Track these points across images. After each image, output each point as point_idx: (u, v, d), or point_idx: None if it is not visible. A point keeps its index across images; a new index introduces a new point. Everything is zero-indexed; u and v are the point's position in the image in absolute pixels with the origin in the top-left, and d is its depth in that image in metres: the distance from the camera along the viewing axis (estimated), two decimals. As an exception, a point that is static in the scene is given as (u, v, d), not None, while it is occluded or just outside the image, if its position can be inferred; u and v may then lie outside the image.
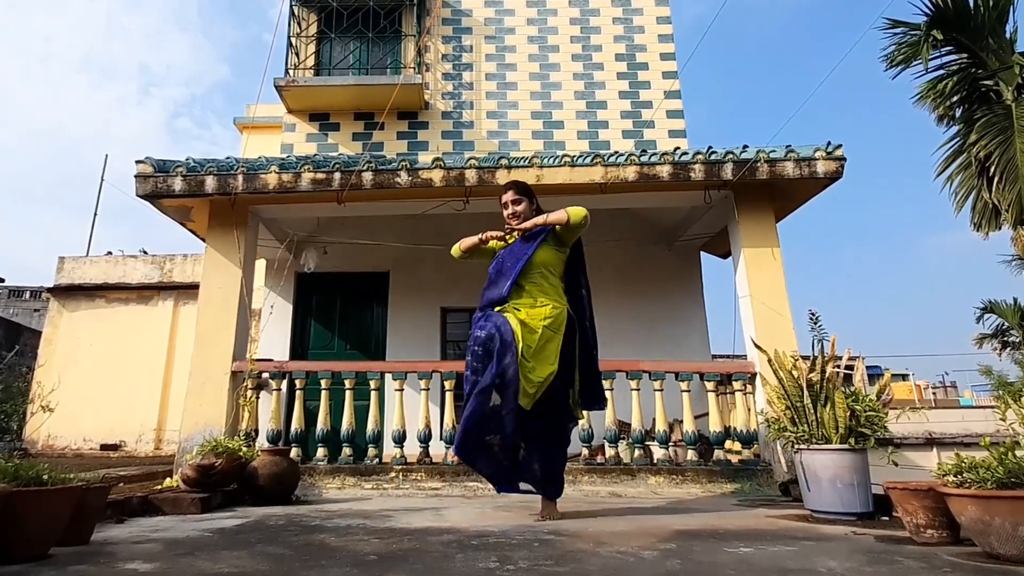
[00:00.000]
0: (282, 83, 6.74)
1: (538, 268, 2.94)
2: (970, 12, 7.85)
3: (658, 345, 6.06)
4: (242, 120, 10.20)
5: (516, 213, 3.05)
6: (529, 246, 2.96)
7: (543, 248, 2.96)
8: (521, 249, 2.98)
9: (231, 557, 2.05)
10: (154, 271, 9.20)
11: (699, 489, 4.14)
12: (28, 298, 22.05)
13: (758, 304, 4.57)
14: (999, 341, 12.66)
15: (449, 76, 7.37)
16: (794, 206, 5.07)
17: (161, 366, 8.67)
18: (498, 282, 2.98)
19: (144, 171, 4.73)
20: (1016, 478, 1.90)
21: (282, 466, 3.74)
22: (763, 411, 3.81)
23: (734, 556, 2.05)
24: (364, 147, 6.90)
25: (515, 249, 3.01)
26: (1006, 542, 1.87)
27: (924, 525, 2.28)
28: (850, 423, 3.11)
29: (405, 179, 4.70)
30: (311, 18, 7.51)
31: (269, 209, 5.22)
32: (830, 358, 3.36)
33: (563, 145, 6.93)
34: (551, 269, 2.97)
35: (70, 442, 8.37)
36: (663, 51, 7.41)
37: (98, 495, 2.44)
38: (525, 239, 2.99)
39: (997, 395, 8.34)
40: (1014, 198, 7.15)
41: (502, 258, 3.05)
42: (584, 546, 2.21)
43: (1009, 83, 7.76)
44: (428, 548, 2.18)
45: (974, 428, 6.85)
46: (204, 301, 4.84)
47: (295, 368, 4.80)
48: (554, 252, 2.98)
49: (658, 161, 4.67)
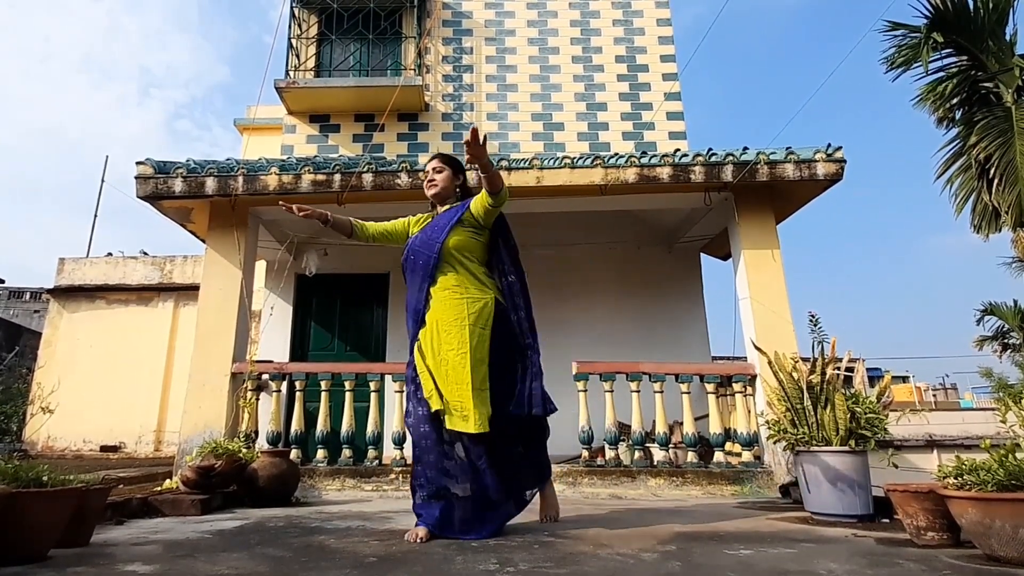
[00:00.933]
0: (282, 84, 6.75)
1: (454, 255, 2.58)
2: (970, 14, 7.86)
3: (658, 347, 6.06)
4: (242, 121, 10.22)
5: (433, 181, 2.72)
6: (440, 232, 2.59)
7: (456, 231, 2.58)
8: (431, 235, 2.62)
9: (231, 559, 2.05)
10: (154, 272, 9.20)
11: (699, 491, 4.14)
12: (28, 299, 22.05)
13: (758, 306, 4.57)
14: (999, 343, 12.67)
15: (449, 78, 7.38)
16: (794, 208, 5.08)
17: (161, 367, 8.67)
18: (412, 283, 2.66)
19: (144, 172, 4.73)
20: (1017, 480, 1.90)
21: (282, 468, 3.73)
22: (763, 413, 3.81)
23: (734, 558, 2.05)
24: (364, 149, 6.90)
25: (425, 235, 2.65)
26: (1007, 544, 1.86)
27: (925, 527, 2.28)
28: (850, 425, 3.11)
29: (405, 180, 4.70)
30: (311, 20, 7.52)
31: (269, 211, 5.23)
32: (830, 360, 3.36)
33: (563, 147, 6.94)
34: (470, 255, 2.61)
35: (70, 443, 8.36)
36: (663, 53, 7.42)
37: (98, 496, 2.44)
38: (435, 225, 2.64)
39: (997, 397, 8.35)
40: (1014, 200, 7.16)
41: (410, 250, 2.68)
42: (584, 548, 2.21)
43: (1009, 85, 7.77)
44: (428, 550, 2.17)
45: (974, 430, 6.84)
46: (204, 302, 4.85)
47: (295, 369, 4.80)
48: (469, 236, 2.61)
49: (658, 163, 4.68)
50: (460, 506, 2.40)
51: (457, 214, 2.62)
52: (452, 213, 2.65)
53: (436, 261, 2.56)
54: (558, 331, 6.40)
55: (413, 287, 2.66)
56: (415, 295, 2.63)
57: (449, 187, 2.73)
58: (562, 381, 4.79)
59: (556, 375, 5.03)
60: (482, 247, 2.66)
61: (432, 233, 2.62)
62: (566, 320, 6.48)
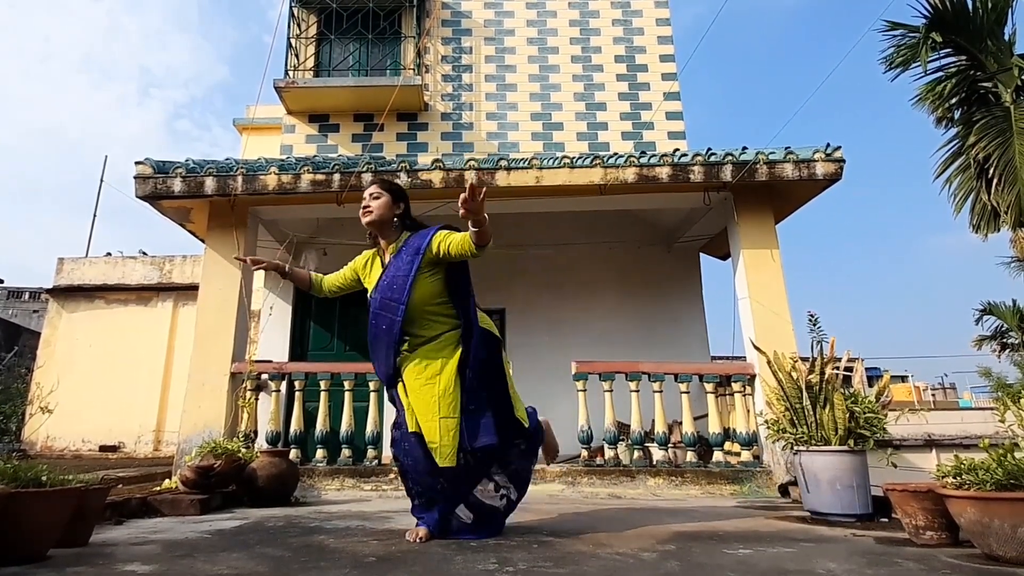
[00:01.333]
0: (282, 84, 6.75)
1: (419, 310, 2.37)
2: (969, 14, 7.87)
3: (657, 346, 6.06)
4: (242, 121, 10.21)
5: (368, 207, 2.46)
6: (400, 291, 2.33)
7: (419, 283, 2.34)
8: (390, 295, 2.37)
9: (230, 559, 2.05)
10: (153, 272, 9.19)
11: (698, 491, 4.14)
12: (27, 299, 22.03)
13: (757, 305, 4.57)
14: (998, 343, 12.67)
15: (449, 78, 7.38)
16: (793, 207, 5.08)
17: (160, 367, 8.66)
18: (376, 352, 2.44)
19: (143, 172, 4.73)
20: (1015, 480, 1.90)
21: (281, 467, 3.73)
22: (762, 412, 3.81)
23: (733, 558, 2.05)
24: (364, 148, 6.90)
25: (383, 296, 2.40)
26: (1005, 543, 1.87)
27: (923, 527, 2.28)
28: (849, 425, 3.11)
29: (405, 180, 4.70)
30: (311, 19, 7.52)
31: (269, 210, 5.23)
32: (829, 359, 3.37)
33: (562, 146, 6.94)
34: (432, 300, 2.39)
35: (69, 443, 8.35)
36: (663, 53, 7.42)
37: (97, 496, 2.44)
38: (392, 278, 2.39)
39: (996, 397, 8.35)
40: (1013, 200, 7.16)
41: (373, 315, 2.43)
42: (583, 547, 2.21)
43: (1008, 85, 7.78)
44: (427, 550, 2.17)
45: (973, 430, 6.85)
46: (203, 302, 4.84)
47: (294, 369, 4.79)
48: (430, 281, 2.37)
49: (657, 162, 4.68)
50: (455, 516, 2.43)
51: (415, 262, 2.35)
52: (408, 261, 2.37)
53: (401, 324, 2.35)
54: (557, 331, 6.41)
55: (379, 354, 2.44)
56: (383, 364, 2.43)
57: (387, 214, 2.46)
58: (561, 380, 4.81)
59: (556, 374, 5.07)
60: (442, 283, 2.41)
61: (391, 293, 2.37)
62: (565, 320, 6.49)
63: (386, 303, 2.39)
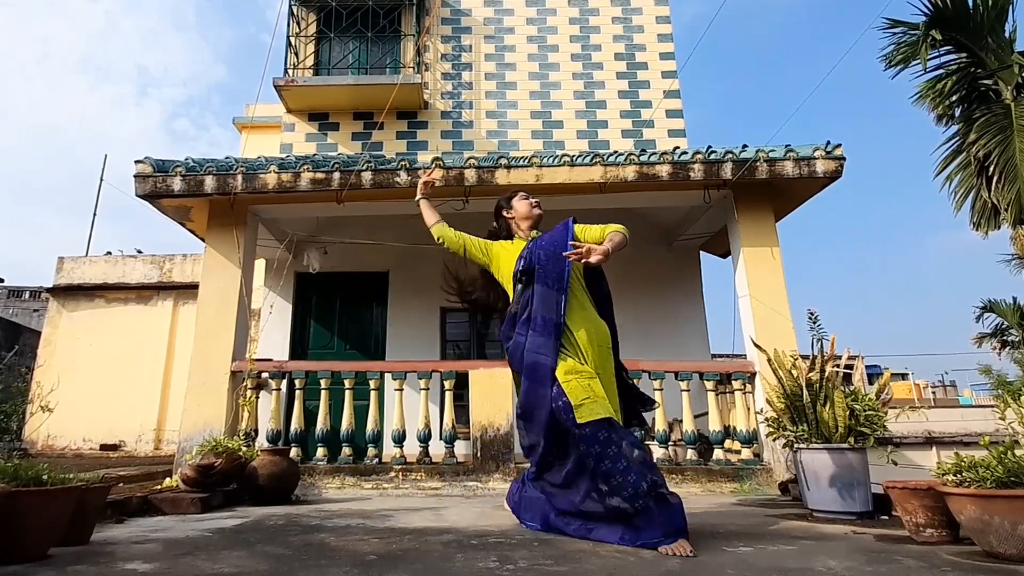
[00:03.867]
0: (281, 83, 6.74)
1: (577, 278, 2.60)
2: (969, 12, 7.86)
3: (657, 344, 6.05)
4: (241, 120, 10.19)
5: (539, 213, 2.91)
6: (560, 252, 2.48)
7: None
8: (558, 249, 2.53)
9: (231, 557, 2.05)
10: (153, 271, 9.19)
11: (698, 488, 4.15)
12: (27, 298, 22.04)
13: (757, 303, 4.57)
14: (998, 340, 12.67)
15: (448, 76, 7.37)
16: (793, 206, 5.07)
17: (160, 366, 8.66)
18: (545, 295, 2.49)
19: (143, 171, 4.73)
20: (1015, 477, 1.90)
21: (282, 466, 3.73)
22: (763, 410, 3.81)
23: (734, 556, 2.05)
24: (363, 147, 6.90)
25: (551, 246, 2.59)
26: (1005, 541, 1.87)
27: (924, 524, 2.29)
28: (849, 422, 3.11)
29: (404, 179, 4.70)
30: (310, 18, 7.51)
31: (268, 209, 5.22)
32: (829, 357, 3.36)
33: (562, 145, 6.93)
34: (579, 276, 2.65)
35: (70, 442, 8.35)
36: (662, 51, 7.41)
37: (98, 495, 2.44)
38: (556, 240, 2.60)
39: (996, 394, 8.35)
40: (1013, 197, 7.16)
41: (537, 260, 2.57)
42: (584, 545, 2.21)
43: (1008, 82, 7.77)
44: (428, 548, 2.18)
45: (973, 427, 6.85)
46: (203, 301, 4.84)
47: (295, 368, 4.79)
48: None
49: (657, 161, 4.67)
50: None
51: (568, 239, 2.55)
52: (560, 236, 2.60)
53: (568, 276, 2.51)
54: (557, 329, 6.40)
55: (548, 300, 2.49)
56: (552, 309, 2.48)
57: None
58: (562, 379, 4.79)
59: (556, 373, 5.06)
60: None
61: (558, 248, 2.54)
62: (565, 318, 6.47)
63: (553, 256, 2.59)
